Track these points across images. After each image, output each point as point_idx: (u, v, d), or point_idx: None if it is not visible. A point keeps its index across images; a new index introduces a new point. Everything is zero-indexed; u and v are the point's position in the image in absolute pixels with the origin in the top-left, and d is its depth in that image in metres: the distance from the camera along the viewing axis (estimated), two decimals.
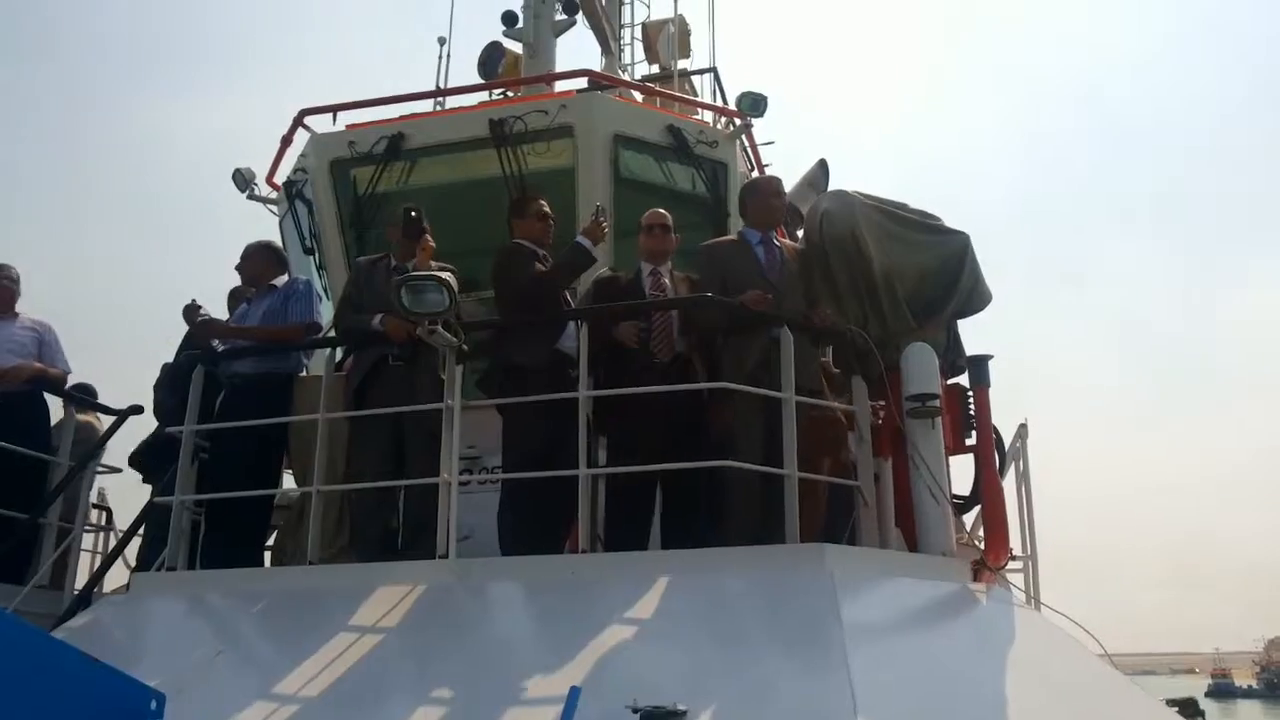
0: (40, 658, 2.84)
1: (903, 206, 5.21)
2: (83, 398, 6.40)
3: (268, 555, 5.85)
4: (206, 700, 3.78)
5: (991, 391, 4.92)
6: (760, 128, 7.36)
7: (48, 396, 6.24)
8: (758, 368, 4.82)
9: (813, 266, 5.20)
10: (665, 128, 6.80)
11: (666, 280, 5.42)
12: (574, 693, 2.86)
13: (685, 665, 3.65)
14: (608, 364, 5.07)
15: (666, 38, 9.17)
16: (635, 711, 3.17)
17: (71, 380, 6.45)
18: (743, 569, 4.24)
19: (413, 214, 5.23)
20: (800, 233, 7.14)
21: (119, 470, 6.36)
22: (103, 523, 6.82)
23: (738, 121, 7.08)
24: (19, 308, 6.37)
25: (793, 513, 4.39)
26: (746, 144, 7.43)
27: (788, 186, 6.35)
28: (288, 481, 5.91)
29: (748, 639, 3.89)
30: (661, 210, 5.61)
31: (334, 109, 6.99)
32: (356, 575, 4.65)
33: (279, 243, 6.83)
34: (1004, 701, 3.65)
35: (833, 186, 7.76)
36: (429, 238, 5.21)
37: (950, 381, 5.05)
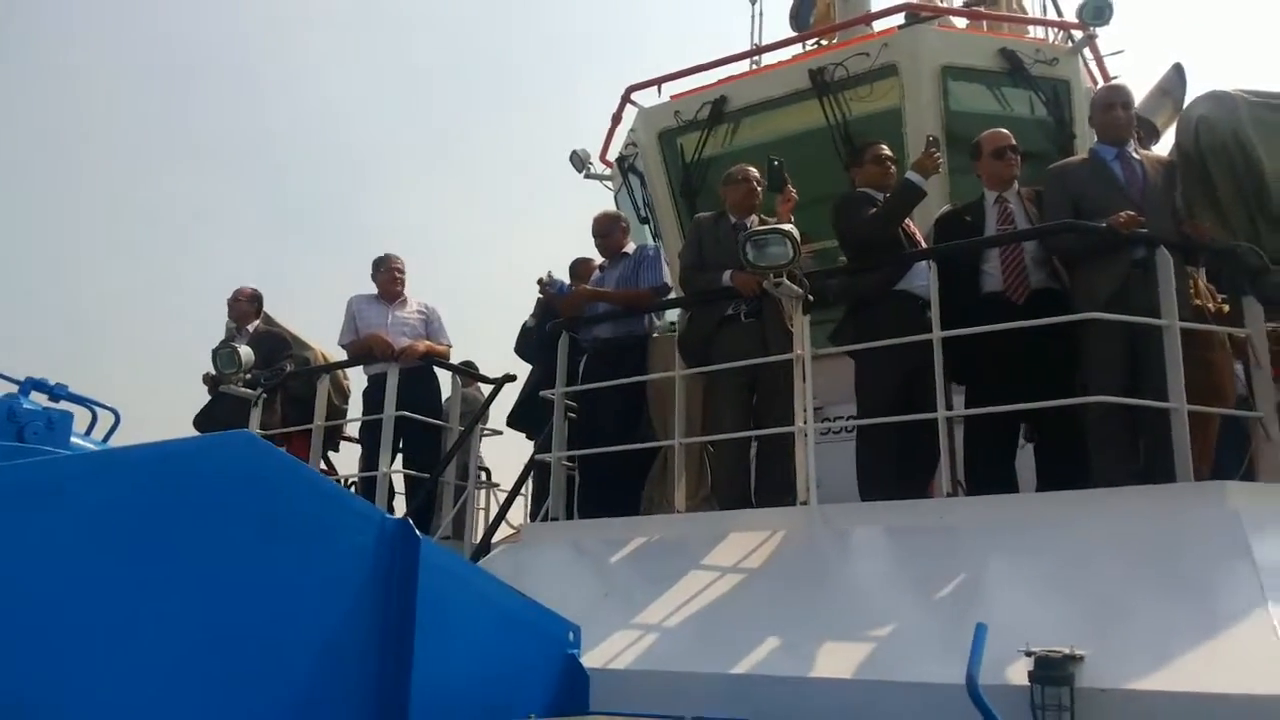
0: (486, 593, 3.30)
1: None
2: (466, 370, 7.19)
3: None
4: (599, 634, 4.07)
5: None
6: (1105, 37, 6.72)
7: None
8: (1114, 295, 4.47)
9: (1184, 180, 4.70)
10: (997, 52, 6.42)
11: (1013, 206, 5.11)
12: (981, 629, 2.83)
13: (1075, 609, 3.47)
14: (958, 307, 4.87)
15: None
16: (1029, 655, 3.07)
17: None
18: (1126, 509, 3.96)
19: (775, 164, 5.20)
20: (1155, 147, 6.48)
21: (500, 433, 7.09)
22: (485, 480, 7.64)
23: (1078, 34, 6.54)
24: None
25: (1184, 448, 4.04)
26: (1090, 57, 6.82)
27: (1138, 96, 5.77)
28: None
29: (1142, 583, 3.61)
30: (1004, 130, 5.26)
31: (658, 81, 7.25)
32: (721, 522, 4.86)
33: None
34: None
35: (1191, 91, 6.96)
36: (792, 189, 5.20)
37: None
